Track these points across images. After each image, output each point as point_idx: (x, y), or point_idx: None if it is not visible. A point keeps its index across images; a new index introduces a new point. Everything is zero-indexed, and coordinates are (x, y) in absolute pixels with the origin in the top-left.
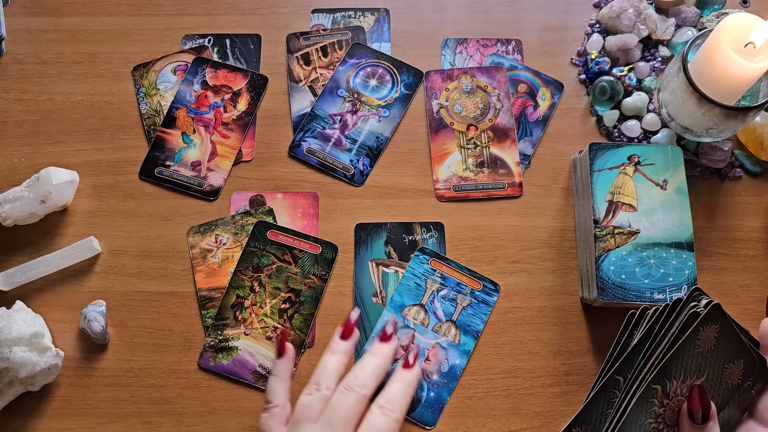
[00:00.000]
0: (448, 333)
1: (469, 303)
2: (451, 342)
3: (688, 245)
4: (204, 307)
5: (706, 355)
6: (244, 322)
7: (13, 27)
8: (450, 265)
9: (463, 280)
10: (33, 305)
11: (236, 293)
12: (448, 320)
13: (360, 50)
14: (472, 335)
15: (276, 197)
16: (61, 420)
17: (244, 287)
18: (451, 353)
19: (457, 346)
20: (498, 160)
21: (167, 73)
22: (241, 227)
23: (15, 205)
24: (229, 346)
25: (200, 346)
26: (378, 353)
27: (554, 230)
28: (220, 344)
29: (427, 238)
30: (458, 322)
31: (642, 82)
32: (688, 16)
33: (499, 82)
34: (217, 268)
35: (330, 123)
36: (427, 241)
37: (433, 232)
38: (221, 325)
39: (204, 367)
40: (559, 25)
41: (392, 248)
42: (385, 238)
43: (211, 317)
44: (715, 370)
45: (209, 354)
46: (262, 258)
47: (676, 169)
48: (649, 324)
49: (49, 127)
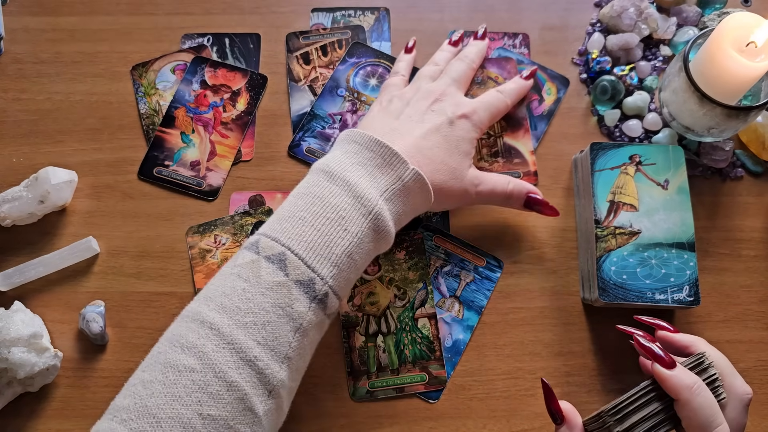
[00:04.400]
0: (452, 308)
1: (472, 279)
2: (454, 317)
3: (689, 245)
4: None
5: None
6: None
7: (11, 26)
8: (453, 242)
9: (467, 257)
10: (31, 306)
11: None
12: (452, 296)
13: (360, 49)
14: (476, 311)
15: (275, 197)
16: (60, 421)
17: None
18: (454, 328)
19: (460, 321)
20: (512, 149)
21: (166, 72)
22: (240, 227)
23: (13, 205)
24: None
25: None
26: (476, 44)
27: (555, 230)
28: None
29: (431, 215)
30: (462, 297)
31: (643, 81)
32: (689, 16)
33: (510, 72)
34: (216, 269)
35: (330, 122)
36: (431, 219)
37: None
38: None
39: None
40: (560, 25)
41: None
42: None
43: None
44: None
45: None
46: None
47: (678, 169)
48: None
49: (48, 126)
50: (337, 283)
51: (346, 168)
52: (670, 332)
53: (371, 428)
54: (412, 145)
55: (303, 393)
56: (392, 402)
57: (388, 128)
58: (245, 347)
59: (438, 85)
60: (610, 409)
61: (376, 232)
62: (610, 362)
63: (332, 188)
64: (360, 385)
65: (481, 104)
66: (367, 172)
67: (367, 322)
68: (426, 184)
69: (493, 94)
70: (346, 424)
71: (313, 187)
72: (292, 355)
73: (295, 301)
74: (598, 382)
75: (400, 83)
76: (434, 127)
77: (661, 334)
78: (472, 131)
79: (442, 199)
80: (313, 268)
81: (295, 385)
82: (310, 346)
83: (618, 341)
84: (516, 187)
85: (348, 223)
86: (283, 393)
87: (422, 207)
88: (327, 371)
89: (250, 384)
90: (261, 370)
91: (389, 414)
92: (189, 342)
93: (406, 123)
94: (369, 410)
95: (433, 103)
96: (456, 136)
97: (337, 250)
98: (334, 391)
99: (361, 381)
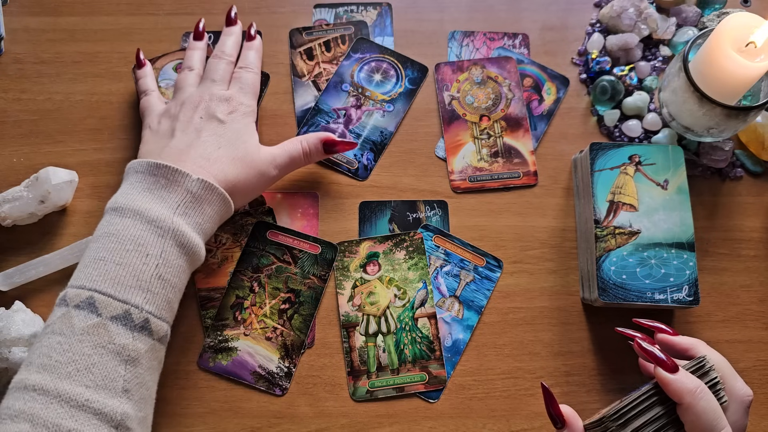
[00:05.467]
0: (452, 308)
1: (472, 279)
2: (454, 317)
3: (689, 245)
4: (204, 307)
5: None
6: (243, 322)
7: (12, 26)
8: (453, 242)
9: (467, 257)
10: (32, 306)
11: (236, 294)
12: (452, 296)
13: (364, 45)
14: (476, 310)
15: (276, 197)
16: None
17: (243, 288)
18: (454, 328)
19: (460, 321)
20: (512, 149)
21: (168, 70)
22: (240, 227)
23: (14, 205)
24: (229, 347)
25: (200, 347)
26: (233, 33)
27: (555, 230)
28: (220, 345)
29: (431, 215)
30: (461, 297)
31: (643, 81)
32: (688, 16)
33: (510, 72)
34: (216, 269)
35: (334, 117)
36: (431, 219)
37: (437, 209)
38: (221, 325)
39: (203, 367)
40: (559, 25)
41: (396, 226)
42: (389, 216)
43: (210, 318)
44: None
45: (209, 354)
46: (261, 258)
47: (677, 169)
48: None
49: (48, 126)
50: (156, 306)
51: (133, 199)
52: (670, 335)
53: (371, 428)
54: (194, 155)
55: (303, 393)
56: (392, 402)
57: (165, 148)
58: (74, 395)
59: (200, 91)
60: (612, 414)
61: (181, 247)
62: (610, 362)
63: (124, 222)
64: (360, 385)
65: (239, 90)
66: (155, 195)
67: (367, 322)
68: (215, 188)
69: (241, 73)
70: (346, 424)
71: (106, 227)
72: (129, 387)
73: (115, 336)
74: (598, 381)
75: (193, 81)
76: (208, 131)
77: (660, 337)
78: (244, 118)
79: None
80: (125, 300)
81: (145, 414)
82: (150, 373)
83: (617, 341)
84: (309, 142)
85: (147, 248)
86: (133, 424)
87: (224, 209)
88: (327, 371)
89: (91, 425)
90: (98, 410)
91: (389, 414)
92: (16, 410)
93: (181, 138)
94: (369, 410)
95: (198, 109)
96: (232, 129)
97: (145, 276)
98: (334, 391)
99: (361, 381)
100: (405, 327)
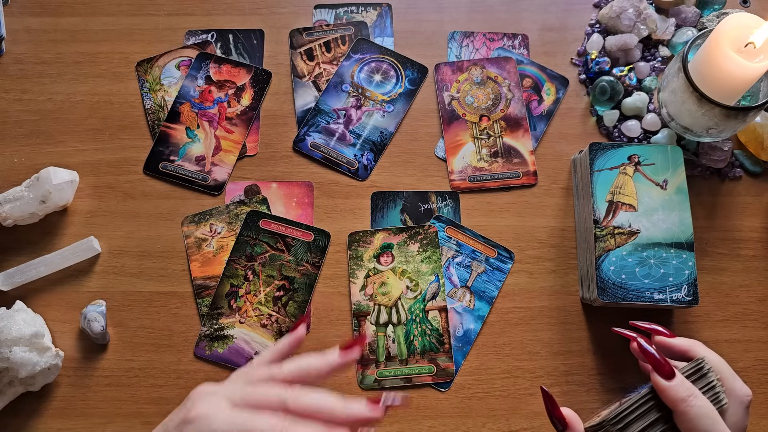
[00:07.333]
0: (463, 298)
1: (483, 270)
2: (465, 307)
3: (688, 245)
4: (200, 295)
5: None
6: (238, 310)
7: (13, 27)
8: (465, 233)
9: (478, 248)
10: (33, 305)
11: (230, 282)
12: (463, 286)
13: (364, 45)
14: (487, 301)
15: (271, 187)
16: (61, 420)
17: (237, 276)
18: (465, 318)
19: (471, 311)
20: (511, 149)
21: (171, 68)
22: (235, 216)
23: (15, 205)
24: (225, 335)
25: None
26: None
27: (554, 230)
28: (216, 333)
29: (442, 206)
30: (473, 288)
31: (642, 82)
32: (688, 16)
33: (509, 72)
34: (212, 257)
35: (334, 118)
36: (443, 210)
37: (449, 201)
38: (216, 314)
39: (200, 356)
40: (559, 25)
41: (408, 216)
42: (401, 207)
43: (206, 306)
44: None
45: (205, 343)
46: (255, 247)
47: (676, 169)
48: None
49: (49, 127)
50: None
51: None
52: (667, 337)
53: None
54: None
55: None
56: None
57: None
58: None
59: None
60: (612, 417)
61: None
62: (609, 361)
63: None
64: (368, 374)
65: None
66: None
67: (378, 312)
68: None
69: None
70: None
71: None
72: None
73: None
74: (597, 381)
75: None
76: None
77: (658, 339)
78: None
79: None
80: None
81: None
82: None
83: (617, 341)
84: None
85: None
86: None
87: None
88: None
89: None
90: None
91: (390, 413)
92: None
93: None
94: None
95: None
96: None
97: None
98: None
99: (370, 369)
100: (416, 319)
